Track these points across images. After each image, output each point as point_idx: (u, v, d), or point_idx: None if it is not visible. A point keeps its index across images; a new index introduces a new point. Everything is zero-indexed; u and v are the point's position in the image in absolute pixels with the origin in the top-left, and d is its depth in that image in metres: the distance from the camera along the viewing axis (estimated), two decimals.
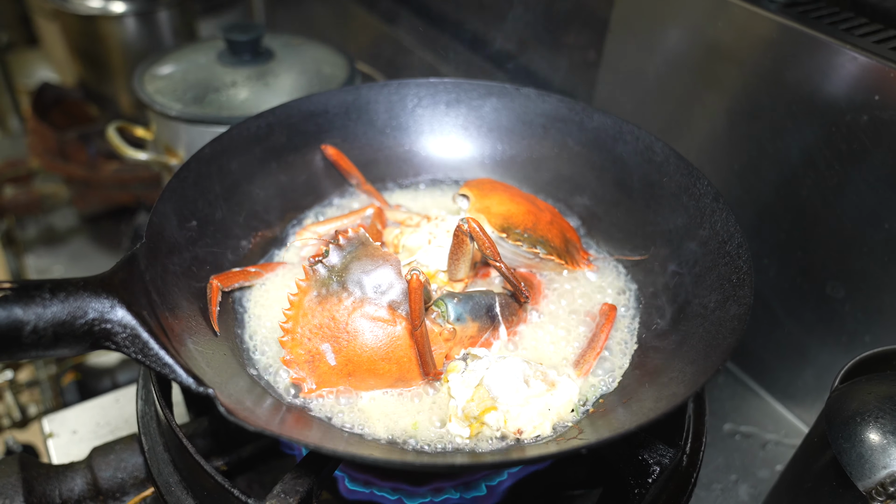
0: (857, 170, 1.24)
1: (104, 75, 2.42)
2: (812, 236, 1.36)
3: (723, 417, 1.53)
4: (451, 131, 1.40)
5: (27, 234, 2.37)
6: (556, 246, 1.15)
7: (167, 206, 1.04)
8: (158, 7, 2.31)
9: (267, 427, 0.77)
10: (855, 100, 1.21)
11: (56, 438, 1.43)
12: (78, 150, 2.22)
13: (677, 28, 1.46)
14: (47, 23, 2.62)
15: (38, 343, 0.74)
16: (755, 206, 1.44)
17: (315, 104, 1.31)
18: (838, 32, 1.24)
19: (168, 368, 0.80)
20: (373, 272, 0.98)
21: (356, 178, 1.33)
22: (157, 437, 1.02)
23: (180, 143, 1.71)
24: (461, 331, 1.02)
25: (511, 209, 1.17)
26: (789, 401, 1.54)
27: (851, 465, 0.94)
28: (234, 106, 1.68)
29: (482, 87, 1.38)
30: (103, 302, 0.79)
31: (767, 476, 1.42)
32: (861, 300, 1.32)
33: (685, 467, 1.02)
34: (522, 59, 1.99)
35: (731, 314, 0.93)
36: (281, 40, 1.94)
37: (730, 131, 1.43)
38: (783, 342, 1.50)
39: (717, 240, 1.06)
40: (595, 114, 1.30)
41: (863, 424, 0.96)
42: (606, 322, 1.09)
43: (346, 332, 0.97)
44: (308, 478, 0.85)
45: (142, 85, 1.75)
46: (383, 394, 0.99)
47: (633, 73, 1.59)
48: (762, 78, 1.34)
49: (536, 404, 0.94)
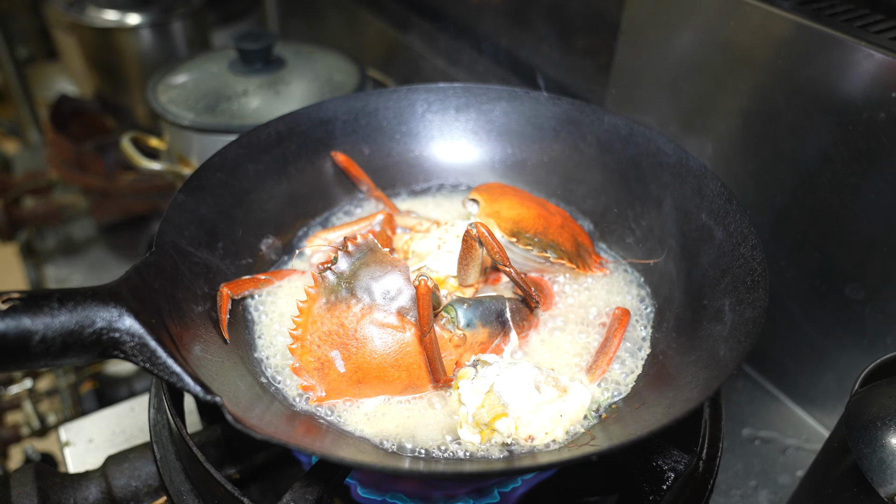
0: (875, 168, 1.22)
1: (120, 87, 2.45)
2: (830, 237, 1.33)
3: (741, 422, 1.51)
4: (461, 136, 1.39)
5: (47, 245, 2.40)
6: (567, 250, 1.14)
7: (176, 215, 1.04)
8: (173, 18, 2.33)
9: (275, 435, 0.77)
10: (872, 97, 1.19)
11: (72, 447, 1.44)
12: (95, 161, 2.24)
13: (689, 29, 1.44)
14: (65, 36, 2.66)
15: (46, 352, 0.75)
16: (771, 207, 1.41)
17: (325, 111, 1.32)
18: (853, 29, 1.21)
19: (176, 377, 0.80)
20: (381, 278, 0.98)
21: (366, 184, 1.32)
22: (168, 446, 1.02)
23: (193, 153, 1.72)
24: (471, 337, 1.01)
25: (521, 213, 1.16)
26: (810, 405, 1.51)
27: (872, 471, 0.92)
28: (246, 114, 1.69)
29: (492, 91, 1.37)
30: (111, 311, 0.79)
31: (788, 482, 1.39)
32: (882, 302, 1.29)
33: (701, 473, 1.01)
34: (535, 62, 1.99)
35: (746, 317, 0.92)
36: (292, 48, 1.95)
37: (744, 132, 1.41)
38: (802, 345, 1.47)
39: (731, 242, 1.04)
40: (606, 116, 1.29)
41: (883, 429, 0.94)
42: (619, 327, 1.08)
43: (355, 338, 0.97)
44: (318, 486, 0.85)
45: (155, 95, 1.77)
46: (393, 401, 0.99)
47: (645, 74, 1.58)
48: (776, 77, 1.32)
49: (548, 410, 0.93)
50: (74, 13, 2.32)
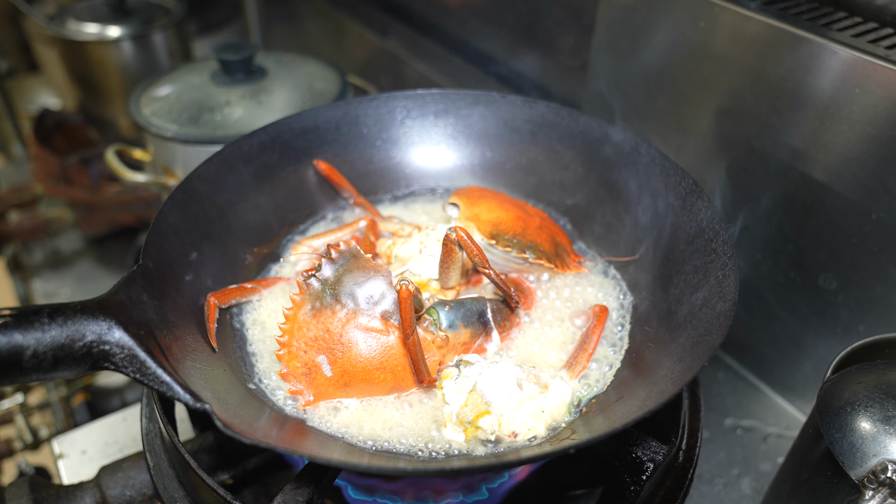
0: (843, 163, 1.26)
1: (103, 99, 2.46)
2: (803, 230, 1.37)
3: (724, 412, 1.54)
4: (440, 141, 1.42)
5: (34, 259, 2.41)
6: (546, 250, 1.17)
7: (162, 227, 1.06)
8: (153, 30, 2.34)
9: (263, 439, 0.79)
10: (837, 94, 1.22)
11: (66, 459, 1.46)
12: (80, 174, 2.25)
13: (661, 29, 1.47)
14: (46, 49, 2.67)
15: (38, 367, 0.77)
16: (746, 202, 1.45)
17: (305, 120, 1.34)
18: (817, 28, 1.25)
19: (166, 386, 0.82)
20: (364, 284, 1.01)
21: (349, 191, 1.35)
22: (161, 454, 1.04)
23: (178, 164, 1.74)
24: (454, 338, 1.04)
25: (500, 216, 1.19)
26: (789, 393, 1.55)
27: (843, 455, 0.95)
28: (229, 125, 1.70)
29: (469, 97, 1.40)
30: (101, 324, 0.81)
31: (769, 469, 1.42)
32: (854, 291, 1.33)
33: (682, 463, 1.04)
34: (512, 64, 2.02)
35: (717, 311, 0.95)
36: (273, 58, 1.97)
37: (717, 130, 1.45)
38: (780, 335, 1.51)
39: (703, 237, 1.07)
40: (581, 118, 1.32)
41: (853, 414, 0.97)
42: (598, 323, 1.11)
43: (340, 343, 0.99)
44: (308, 487, 0.87)
45: (138, 108, 1.78)
46: (379, 402, 1.01)
47: (620, 75, 1.61)
48: (746, 76, 1.35)
49: (530, 407, 0.96)
50: (55, 26, 2.32)
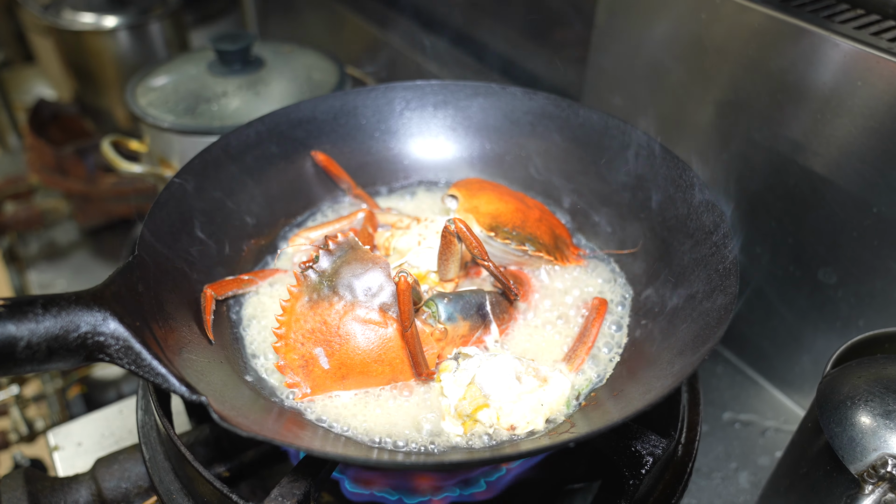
0: (844, 156, 1.25)
1: (99, 89, 2.44)
2: (803, 224, 1.36)
3: (722, 406, 1.54)
4: (439, 132, 1.41)
5: (29, 250, 2.40)
6: (545, 242, 1.16)
7: (158, 218, 1.05)
8: (150, 20, 2.32)
9: (259, 432, 0.78)
10: (839, 87, 1.21)
11: (61, 451, 1.45)
12: (76, 165, 2.24)
13: (661, 21, 1.46)
14: (42, 39, 2.64)
15: (32, 358, 0.76)
16: (746, 195, 1.44)
17: (303, 111, 1.33)
18: (819, 20, 1.24)
19: (161, 378, 0.81)
20: (362, 275, 1.00)
21: (347, 182, 1.34)
22: (157, 447, 1.03)
23: (174, 155, 1.73)
24: (452, 330, 1.03)
25: (499, 208, 1.18)
26: (788, 387, 1.54)
27: (843, 449, 0.95)
28: (226, 115, 1.69)
29: (469, 88, 1.39)
30: (95, 315, 0.80)
31: (767, 463, 1.42)
32: (853, 285, 1.32)
33: (680, 457, 1.03)
34: (512, 56, 2.00)
35: (718, 304, 0.94)
36: (271, 48, 1.95)
37: (718, 122, 1.44)
38: (780, 329, 1.50)
39: (703, 231, 1.06)
40: (581, 110, 1.31)
41: (853, 408, 0.97)
42: (597, 316, 1.10)
43: (338, 335, 0.98)
44: (305, 480, 0.87)
45: (134, 98, 1.77)
46: (377, 395, 1.01)
47: (620, 67, 1.60)
48: (747, 68, 1.34)
49: (529, 400, 0.95)
50: (50, 16, 2.30)
